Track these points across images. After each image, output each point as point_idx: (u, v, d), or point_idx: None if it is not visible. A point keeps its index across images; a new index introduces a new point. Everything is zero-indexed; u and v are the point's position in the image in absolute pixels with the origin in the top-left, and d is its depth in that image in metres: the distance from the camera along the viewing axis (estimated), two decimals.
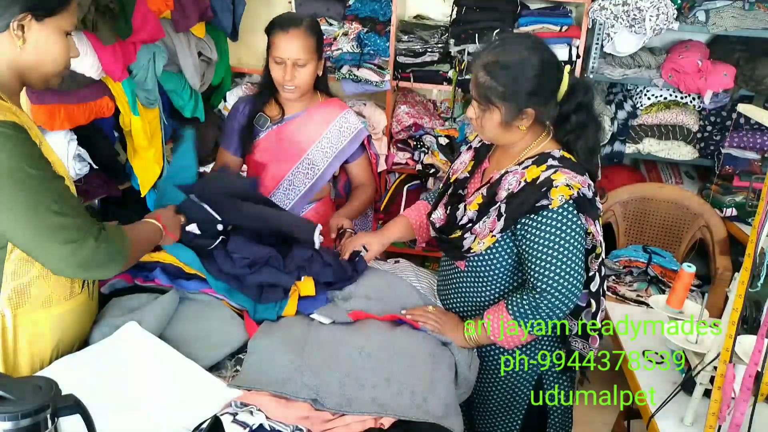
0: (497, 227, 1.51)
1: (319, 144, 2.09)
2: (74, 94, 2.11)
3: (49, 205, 1.19)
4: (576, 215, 1.47)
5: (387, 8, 3.30)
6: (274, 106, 2.08)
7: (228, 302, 1.58)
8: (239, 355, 1.45)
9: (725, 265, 2.79)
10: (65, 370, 1.27)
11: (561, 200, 1.44)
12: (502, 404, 1.72)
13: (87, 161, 2.24)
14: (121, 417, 1.19)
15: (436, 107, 3.63)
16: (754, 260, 1.25)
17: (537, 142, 1.56)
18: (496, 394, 1.71)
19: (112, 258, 1.29)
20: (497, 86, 1.46)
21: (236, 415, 1.18)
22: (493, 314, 1.55)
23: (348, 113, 2.15)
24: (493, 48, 1.50)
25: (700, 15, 3.06)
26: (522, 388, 1.68)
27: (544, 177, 1.47)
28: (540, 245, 1.47)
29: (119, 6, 2.07)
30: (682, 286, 1.74)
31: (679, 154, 3.34)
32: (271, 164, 2.11)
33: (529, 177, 1.49)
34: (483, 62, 1.49)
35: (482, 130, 1.56)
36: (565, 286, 1.47)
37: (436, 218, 1.70)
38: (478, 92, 1.50)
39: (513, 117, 1.49)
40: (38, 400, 0.90)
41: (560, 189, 1.44)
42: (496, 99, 1.47)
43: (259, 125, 2.08)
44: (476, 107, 1.53)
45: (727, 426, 1.27)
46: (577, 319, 1.59)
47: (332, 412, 1.30)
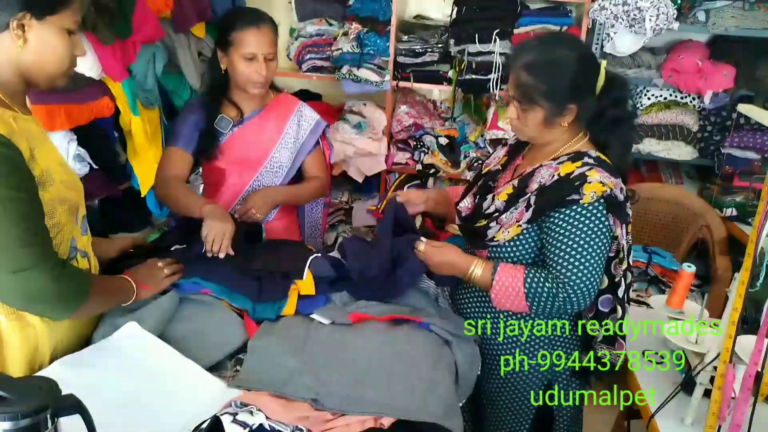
0: (524, 217, 1.51)
1: (283, 140, 2.05)
2: (74, 94, 2.11)
3: (7, 228, 1.13)
4: (605, 215, 1.47)
5: (387, 8, 3.29)
6: (229, 107, 2.00)
7: (228, 302, 1.58)
8: (239, 355, 1.46)
9: (725, 265, 2.79)
10: (65, 370, 1.27)
11: (593, 197, 1.44)
12: (508, 405, 1.72)
13: (87, 161, 2.24)
14: (121, 417, 1.19)
15: (436, 107, 3.63)
16: (754, 260, 1.25)
17: (574, 142, 1.57)
18: (502, 394, 1.71)
19: (66, 299, 1.22)
20: (540, 85, 1.47)
21: (236, 415, 1.18)
22: (507, 274, 1.52)
23: (303, 106, 2.11)
24: (531, 48, 1.51)
25: (700, 15, 3.06)
26: (527, 389, 1.68)
27: (578, 173, 1.47)
28: (566, 238, 1.46)
29: (119, 6, 2.06)
30: (682, 286, 1.74)
31: (679, 154, 3.33)
32: (235, 168, 2.03)
33: (563, 172, 1.50)
34: (523, 62, 1.49)
35: (523, 129, 1.56)
36: (585, 282, 1.46)
37: (464, 207, 1.71)
38: (519, 92, 1.50)
39: (556, 114, 1.50)
40: (38, 400, 0.90)
41: (594, 185, 1.44)
42: (539, 98, 1.48)
43: (221, 127, 1.99)
44: (517, 107, 1.53)
45: (727, 426, 1.27)
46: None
47: (332, 412, 1.30)
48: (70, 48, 1.26)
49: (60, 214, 1.26)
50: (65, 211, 1.28)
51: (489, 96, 3.40)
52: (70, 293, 1.23)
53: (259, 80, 1.91)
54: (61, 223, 1.28)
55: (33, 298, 1.18)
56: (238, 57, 1.89)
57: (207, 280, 1.60)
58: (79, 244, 1.37)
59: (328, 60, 3.39)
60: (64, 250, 1.30)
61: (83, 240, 1.40)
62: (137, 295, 1.46)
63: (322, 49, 3.40)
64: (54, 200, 1.24)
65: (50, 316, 1.26)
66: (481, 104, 3.58)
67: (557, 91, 1.47)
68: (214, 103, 2.00)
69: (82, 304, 1.26)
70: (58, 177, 1.25)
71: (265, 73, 1.90)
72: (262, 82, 1.93)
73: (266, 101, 2.06)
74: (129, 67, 2.28)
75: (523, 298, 1.50)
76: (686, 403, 1.53)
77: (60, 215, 1.26)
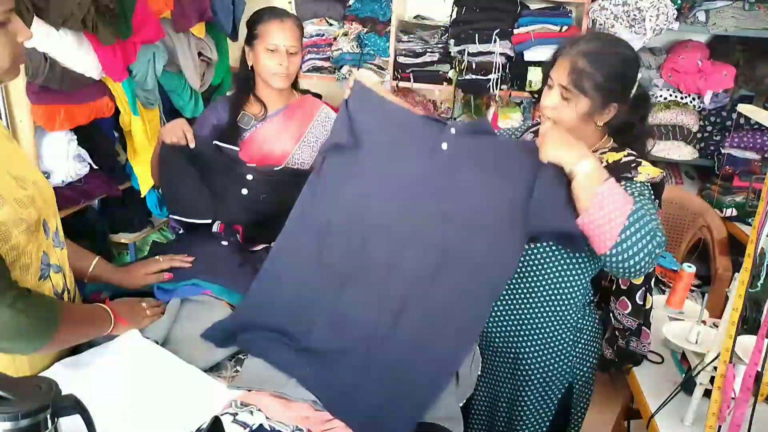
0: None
1: (305, 139, 2.06)
2: (74, 94, 2.11)
3: None
4: (652, 197, 1.48)
5: (387, 8, 3.30)
6: (254, 103, 2.03)
7: (228, 302, 1.58)
8: (239, 355, 1.45)
9: (725, 265, 2.79)
10: (65, 371, 1.27)
11: (646, 177, 1.46)
12: (531, 406, 1.71)
13: (87, 161, 2.24)
14: (121, 418, 1.19)
15: (436, 107, 3.63)
16: (754, 260, 1.25)
17: (602, 143, 1.57)
18: (525, 396, 1.70)
19: (31, 333, 1.11)
20: (597, 74, 1.45)
21: (236, 415, 1.18)
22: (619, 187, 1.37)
23: (326, 108, 2.14)
24: (593, 38, 1.52)
25: (700, 15, 3.07)
26: (551, 389, 1.68)
27: (627, 160, 1.49)
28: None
29: (119, 6, 2.06)
30: (682, 286, 1.74)
31: (679, 154, 3.33)
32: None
33: (610, 159, 1.51)
34: (583, 50, 1.47)
35: (560, 119, 1.51)
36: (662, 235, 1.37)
37: None
38: (572, 79, 1.47)
39: (599, 109, 1.49)
40: (38, 400, 0.90)
41: (648, 168, 1.47)
42: (591, 88, 1.46)
43: (244, 124, 2.01)
44: (560, 95, 1.50)
45: (727, 426, 1.27)
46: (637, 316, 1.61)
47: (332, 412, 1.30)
48: (4, 42, 1.10)
49: (17, 236, 1.13)
50: (23, 231, 1.14)
51: (489, 96, 3.40)
52: (35, 327, 1.12)
53: (281, 72, 1.94)
54: (21, 245, 1.14)
55: None
56: (261, 49, 1.94)
57: (206, 280, 1.60)
58: (53, 258, 1.25)
59: (328, 60, 3.39)
60: (35, 269, 1.19)
61: (57, 254, 1.27)
62: (114, 328, 1.36)
63: (322, 49, 3.40)
64: (7, 223, 1.10)
65: (16, 352, 1.16)
66: (481, 104, 3.58)
67: (609, 85, 1.46)
68: (239, 99, 2.04)
69: (51, 338, 1.14)
70: (10, 195, 1.12)
71: (286, 65, 1.94)
72: (284, 75, 1.95)
73: (290, 100, 2.08)
74: (129, 67, 2.28)
75: (624, 216, 1.33)
76: (686, 403, 1.53)
77: (17, 237, 1.13)
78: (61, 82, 2.01)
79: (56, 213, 1.29)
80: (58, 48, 1.91)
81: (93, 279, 1.52)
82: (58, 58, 1.95)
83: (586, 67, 1.46)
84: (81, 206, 2.29)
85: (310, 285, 1.50)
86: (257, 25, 1.95)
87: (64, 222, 1.36)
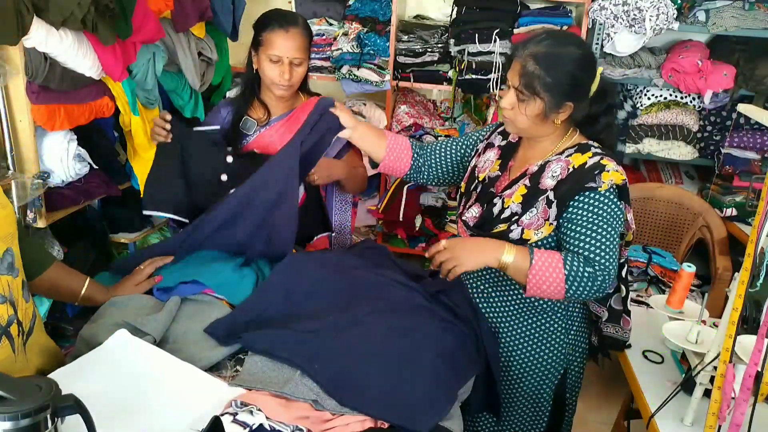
0: (551, 215, 1.52)
1: None
2: (74, 94, 2.11)
3: None
4: (618, 202, 1.51)
5: (387, 8, 3.30)
6: (258, 107, 2.01)
7: (227, 302, 1.58)
8: (239, 355, 1.45)
9: (725, 265, 2.79)
10: (63, 376, 1.27)
11: (610, 184, 1.48)
12: (527, 398, 1.72)
13: (87, 161, 2.24)
14: (121, 420, 1.19)
15: (436, 107, 3.63)
16: (754, 260, 1.25)
17: (567, 137, 1.59)
18: (520, 389, 1.72)
19: None
20: (546, 76, 1.47)
21: (236, 415, 1.18)
22: (545, 257, 1.46)
23: None
24: (541, 40, 1.52)
25: (700, 15, 3.07)
26: (546, 379, 1.70)
27: (592, 162, 1.51)
28: (591, 222, 1.47)
29: (119, 6, 2.06)
30: (682, 286, 1.74)
31: (679, 154, 3.34)
32: None
33: (576, 163, 1.52)
34: (532, 52, 1.49)
35: (515, 120, 1.56)
36: (612, 263, 1.47)
37: (470, 216, 1.69)
38: (523, 81, 1.50)
39: (553, 109, 1.51)
40: (38, 400, 0.90)
41: (611, 173, 1.49)
42: (542, 89, 1.48)
43: (246, 129, 1.98)
44: (515, 97, 1.53)
45: (727, 426, 1.27)
46: (605, 304, 1.64)
47: (332, 412, 1.30)
48: None
49: None
50: None
51: (489, 96, 3.41)
52: None
53: (282, 83, 1.91)
54: None
55: None
56: (265, 57, 1.90)
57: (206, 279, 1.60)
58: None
59: (328, 60, 3.39)
60: None
61: (5, 281, 1.16)
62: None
63: (322, 49, 3.40)
64: None
65: None
66: (481, 104, 3.59)
67: (561, 86, 1.48)
68: (243, 104, 2.01)
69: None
70: None
71: (288, 77, 1.89)
72: (285, 86, 1.92)
73: (295, 104, 2.04)
74: (129, 67, 2.28)
75: (562, 281, 1.45)
76: (686, 403, 1.53)
77: None
78: (61, 82, 2.01)
79: (12, 235, 1.21)
80: (57, 48, 1.90)
81: (85, 301, 1.52)
82: (58, 58, 1.95)
83: (535, 69, 1.48)
84: (81, 206, 2.29)
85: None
86: (262, 32, 1.90)
87: (64, 222, 1.35)
